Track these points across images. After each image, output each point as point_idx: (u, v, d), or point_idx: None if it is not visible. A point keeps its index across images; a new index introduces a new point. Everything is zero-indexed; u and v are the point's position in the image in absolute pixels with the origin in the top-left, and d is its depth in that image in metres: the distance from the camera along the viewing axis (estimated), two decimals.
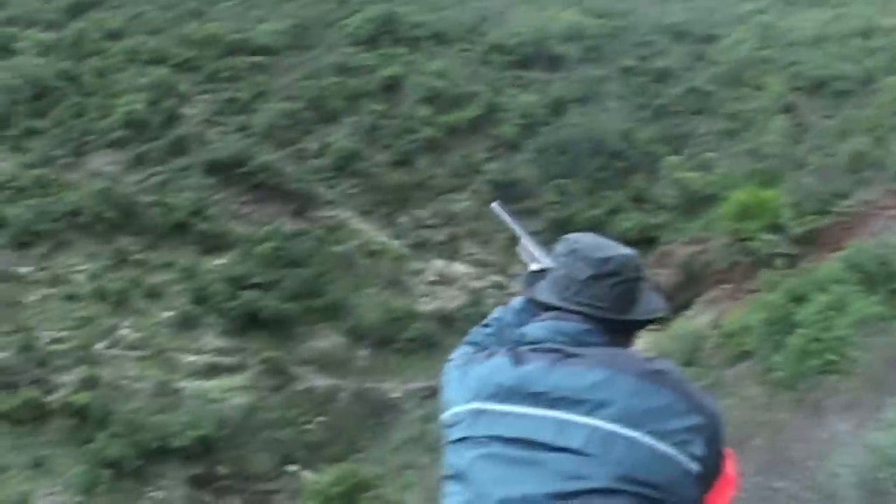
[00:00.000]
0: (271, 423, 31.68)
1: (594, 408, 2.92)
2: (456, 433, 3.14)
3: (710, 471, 2.98)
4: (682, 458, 2.92)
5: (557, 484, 2.87)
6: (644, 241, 40.04)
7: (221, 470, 30.09)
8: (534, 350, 3.11)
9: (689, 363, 24.65)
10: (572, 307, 3.17)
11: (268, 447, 31.12)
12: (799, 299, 22.24)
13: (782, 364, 20.54)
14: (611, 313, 3.15)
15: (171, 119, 44.77)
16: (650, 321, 3.30)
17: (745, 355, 23.72)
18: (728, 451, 3.14)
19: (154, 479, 28.75)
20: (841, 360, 18.22)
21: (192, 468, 29.54)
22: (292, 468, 31.03)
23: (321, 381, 33.68)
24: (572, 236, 3.35)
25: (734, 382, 22.32)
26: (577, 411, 2.93)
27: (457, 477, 3.07)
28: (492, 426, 3.03)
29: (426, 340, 36.11)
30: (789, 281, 23.62)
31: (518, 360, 3.08)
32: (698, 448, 2.94)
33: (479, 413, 3.08)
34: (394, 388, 33.79)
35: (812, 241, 28.29)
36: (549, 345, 3.10)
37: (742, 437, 13.08)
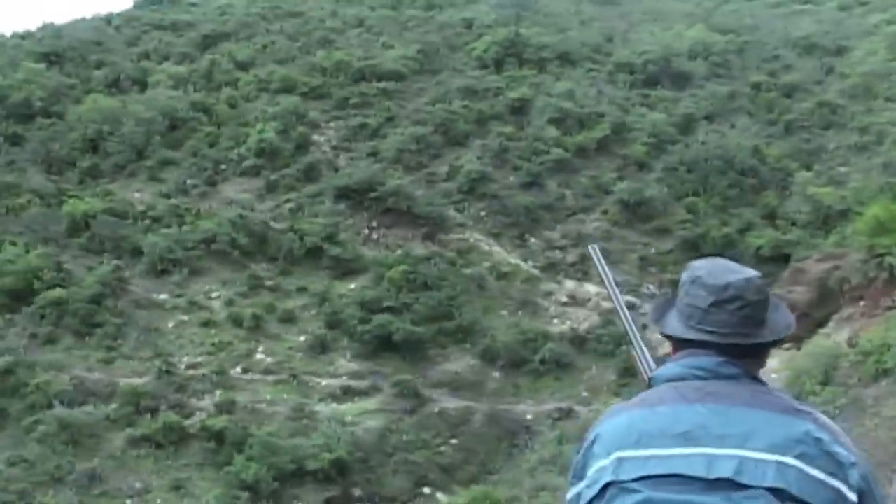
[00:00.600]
0: (405, 445, 31.72)
1: (741, 441, 2.91)
2: (601, 481, 3.07)
3: None
4: (836, 484, 2.89)
5: None
6: (777, 257, 39.53)
7: (356, 492, 30.18)
8: (671, 385, 3.11)
9: (825, 382, 24.09)
10: (697, 336, 3.13)
11: (402, 469, 31.15)
12: None
13: None
14: (736, 338, 3.10)
15: (302, 146, 45.49)
16: (779, 341, 3.23)
17: (884, 374, 23.09)
18: None
19: (290, 502, 29.00)
20: None
21: (328, 490, 29.69)
22: (426, 490, 31.01)
23: (454, 404, 33.67)
24: (696, 263, 3.31)
25: (874, 402, 21.71)
26: (725, 445, 2.92)
27: None
28: (638, 469, 2.98)
29: (558, 361, 35.95)
30: None
31: (653, 404, 3.08)
32: (853, 479, 2.91)
33: (622, 461, 3.03)
34: (527, 410, 33.63)
35: None
36: (688, 382, 3.09)
37: (886, 459, 12.73)
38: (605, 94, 51.48)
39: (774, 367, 31.37)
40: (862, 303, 28.75)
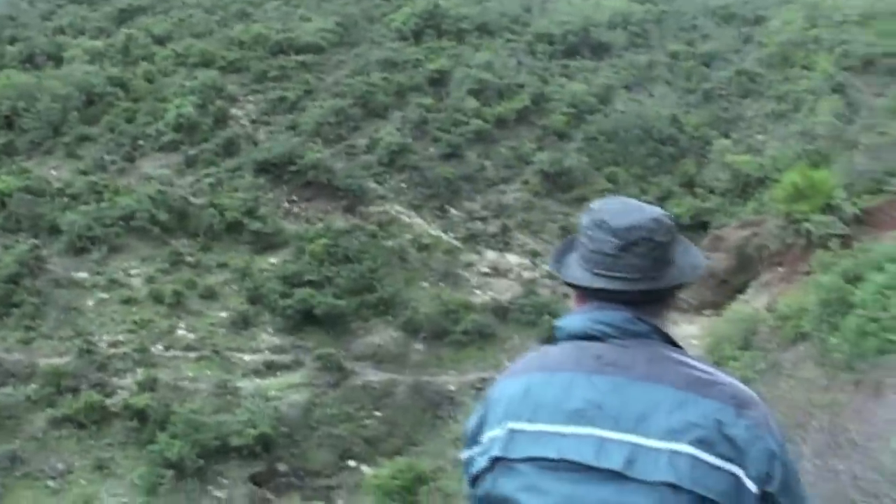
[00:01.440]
0: (329, 419, 31.79)
1: (635, 424, 2.75)
2: (491, 453, 2.96)
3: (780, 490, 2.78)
4: (733, 469, 2.72)
5: None
6: (696, 225, 40.08)
7: (281, 467, 30.24)
8: (574, 345, 2.95)
9: (745, 347, 24.61)
10: (605, 284, 2.95)
11: (326, 443, 31.26)
12: (855, 280, 22.07)
13: (840, 345, 20.39)
14: (646, 283, 2.94)
15: (221, 121, 45.13)
16: (688, 283, 3.07)
17: (802, 337, 23.56)
18: None
19: (215, 479, 28.95)
20: None
21: (253, 466, 29.69)
22: (351, 463, 31.16)
23: (377, 376, 33.77)
24: (596, 205, 3.09)
25: (792, 365, 22.16)
26: (619, 428, 2.76)
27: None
28: (528, 447, 2.87)
29: (480, 332, 36.20)
30: (844, 262, 23.38)
31: (552, 369, 2.94)
32: (756, 462, 2.75)
33: (514, 434, 2.91)
34: (450, 381, 33.83)
35: (866, 221, 28.02)
36: (591, 345, 2.93)
37: (801, 419, 13.00)
38: (524, 64, 51.63)
39: (695, 333, 31.93)
40: (780, 268, 29.30)
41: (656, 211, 3.01)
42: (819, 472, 9.11)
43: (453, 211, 42.51)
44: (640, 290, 2.94)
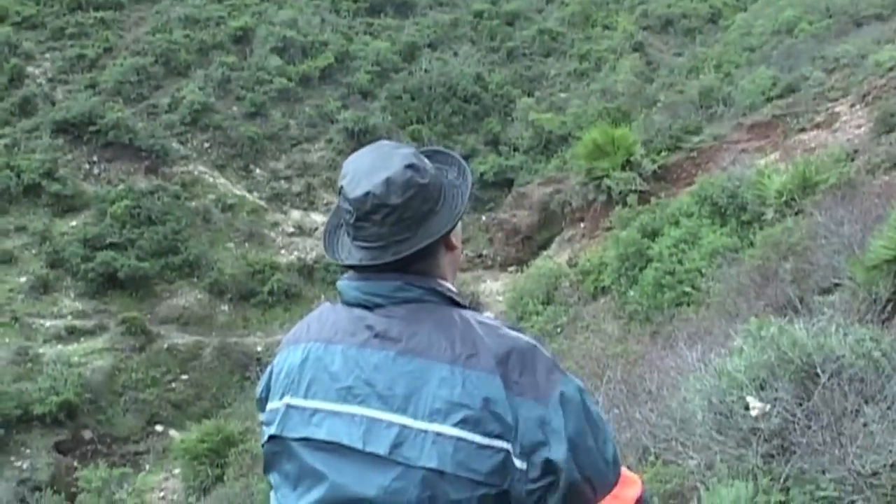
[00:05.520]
0: (135, 383, 31.47)
1: (404, 403, 2.67)
2: (269, 428, 2.95)
3: (572, 475, 2.63)
4: (502, 444, 2.61)
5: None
6: (501, 182, 40.92)
7: (87, 434, 29.81)
8: (349, 312, 2.90)
9: (547, 301, 25.37)
10: (350, 260, 2.91)
11: (133, 408, 30.98)
12: (652, 234, 22.96)
13: (638, 298, 21.20)
14: (393, 249, 2.83)
15: (16, 79, 43.55)
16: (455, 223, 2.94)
17: (602, 291, 24.38)
18: (626, 477, 2.82)
19: (18, 448, 28.38)
20: (694, 292, 18.94)
21: (57, 434, 29.17)
22: (159, 428, 30.97)
23: (183, 339, 33.54)
24: (346, 163, 2.97)
25: (592, 318, 22.96)
26: (388, 408, 2.69)
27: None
28: (302, 426, 2.85)
29: (287, 292, 36.33)
30: (643, 217, 24.24)
31: (329, 339, 2.88)
32: (528, 434, 2.62)
33: (290, 409, 2.90)
34: (257, 342, 33.87)
35: (665, 178, 29.05)
36: (363, 314, 2.86)
37: (600, 370, 13.53)
38: (328, 22, 51.43)
39: (499, 289, 32.68)
40: (582, 224, 30.16)
41: (396, 165, 2.85)
42: (618, 420, 9.56)
43: (258, 171, 42.31)
44: (392, 260, 2.84)
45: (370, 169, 2.85)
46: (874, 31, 34.92)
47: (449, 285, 2.96)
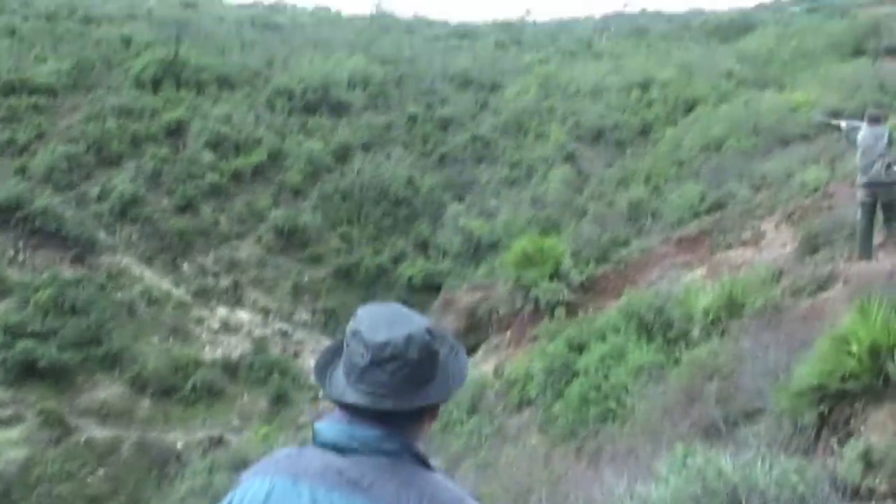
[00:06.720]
0: (49, 476, 30.80)
1: None
2: None
3: None
4: None
5: None
6: (429, 287, 40.95)
7: None
8: (323, 454, 2.95)
9: (472, 411, 25.18)
10: (352, 399, 2.95)
11: (46, 502, 30.34)
12: (579, 348, 22.98)
13: (563, 412, 21.19)
14: (393, 401, 2.93)
15: None
16: (449, 397, 3.08)
17: (527, 403, 24.31)
18: None
19: None
20: (619, 409, 18.95)
21: None
22: None
23: (102, 433, 32.99)
24: (361, 311, 3.08)
25: (517, 431, 22.86)
26: None
27: None
28: None
29: (210, 389, 35.93)
30: (570, 330, 24.30)
31: (297, 475, 2.92)
32: None
33: None
34: (177, 438, 33.41)
35: (593, 289, 29.22)
36: (335, 459, 2.93)
37: (523, 490, 13.51)
38: (262, 119, 51.67)
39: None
40: (509, 333, 30.12)
41: (416, 326, 2.98)
42: None
43: (185, 265, 42.08)
44: (388, 410, 2.92)
45: (391, 322, 2.97)
46: (800, 151, 35.80)
47: (422, 447, 3.04)
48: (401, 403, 2.93)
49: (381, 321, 2.98)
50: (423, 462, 3.02)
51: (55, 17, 59.92)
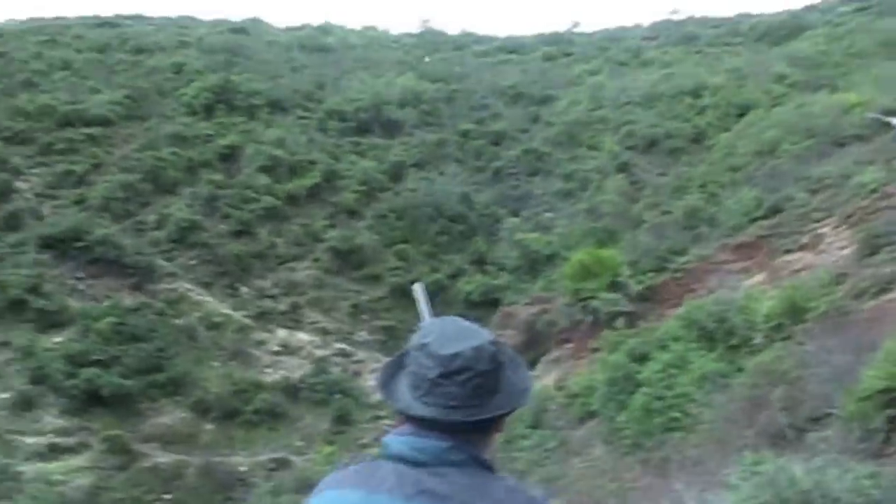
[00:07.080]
0: (116, 503, 31.03)
1: None
2: None
3: None
4: None
5: None
6: (487, 302, 40.85)
7: None
8: (396, 467, 2.90)
9: (535, 426, 25.01)
10: (421, 412, 2.91)
11: None
12: (641, 358, 22.82)
13: (627, 423, 21.02)
14: (462, 413, 2.89)
15: (4, 193, 43.71)
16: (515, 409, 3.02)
17: (590, 415, 24.13)
18: None
19: None
20: (684, 418, 18.75)
21: None
22: None
23: (166, 458, 33.14)
24: (427, 324, 3.08)
25: (581, 444, 22.71)
26: None
27: None
28: None
29: (272, 411, 36.04)
30: (631, 340, 24.16)
31: (372, 488, 2.87)
32: None
33: None
34: (241, 462, 33.48)
35: (651, 298, 29.08)
36: (408, 470, 2.87)
37: (592, 503, 13.35)
38: (315, 141, 51.96)
39: None
40: (569, 345, 29.99)
41: (483, 337, 2.96)
42: None
43: (244, 288, 42.32)
44: (458, 421, 2.89)
45: (457, 335, 2.95)
46: (856, 152, 35.28)
47: (489, 458, 3.00)
48: (470, 414, 2.89)
49: (447, 334, 2.96)
50: (492, 470, 2.97)
51: (107, 49, 60.71)
